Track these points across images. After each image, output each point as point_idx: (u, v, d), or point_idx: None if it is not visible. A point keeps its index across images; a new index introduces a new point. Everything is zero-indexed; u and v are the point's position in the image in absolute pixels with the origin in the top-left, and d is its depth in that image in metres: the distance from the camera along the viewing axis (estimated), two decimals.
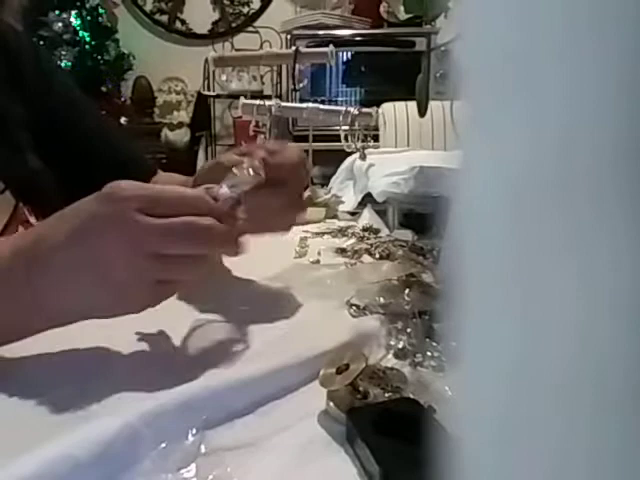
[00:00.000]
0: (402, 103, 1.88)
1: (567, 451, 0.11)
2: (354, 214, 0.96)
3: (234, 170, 0.44)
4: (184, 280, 0.40)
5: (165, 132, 2.98)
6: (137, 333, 0.45)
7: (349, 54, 2.73)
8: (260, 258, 0.63)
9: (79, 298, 0.38)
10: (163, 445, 0.31)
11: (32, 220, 0.62)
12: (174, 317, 0.49)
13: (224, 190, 0.41)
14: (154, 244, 0.37)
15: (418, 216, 0.81)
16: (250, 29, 3.10)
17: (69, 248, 0.37)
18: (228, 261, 0.65)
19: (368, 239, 0.77)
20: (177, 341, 0.45)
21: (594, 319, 0.10)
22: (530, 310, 0.11)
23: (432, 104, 0.81)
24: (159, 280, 0.38)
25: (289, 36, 2.67)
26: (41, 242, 0.38)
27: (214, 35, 3.16)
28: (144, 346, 0.44)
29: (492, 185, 0.12)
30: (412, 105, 1.76)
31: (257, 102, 0.93)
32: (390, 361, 0.42)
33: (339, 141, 0.91)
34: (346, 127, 0.89)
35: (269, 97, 0.97)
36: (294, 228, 0.83)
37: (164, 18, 3.16)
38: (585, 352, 0.10)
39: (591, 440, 0.10)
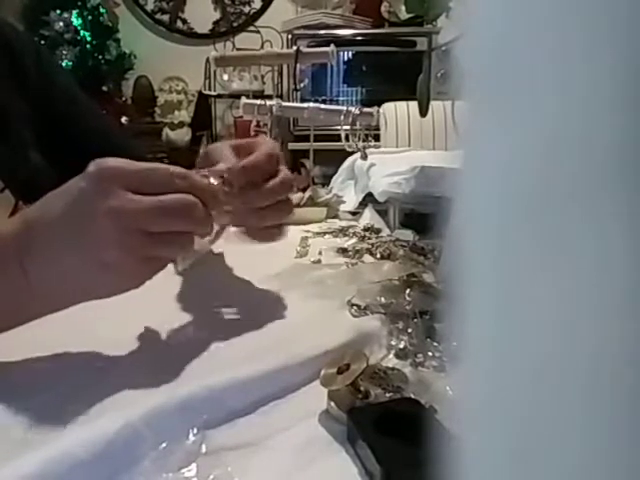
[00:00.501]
0: (403, 103, 1.88)
1: (566, 451, 0.11)
2: (355, 214, 0.96)
3: None
4: (172, 256, 0.41)
5: (166, 132, 2.99)
6: (137, 333, 0.45)
7: (350, 54, 2.73)
8: (261, 258, 0.63)
9: (73, 280, 0.39)
10: (164, 445, 0.31)
11: None
12: (174, 317, 0.49)
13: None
14: (144, 221, 0.37)
15: (419, 216, 0.81)
16: (251, 29, 3.11)
17: (59, 230, 0.38)
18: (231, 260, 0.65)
19: (369, 239, 0.77)
20: (177, 341, 0.45)
21: (591, 318, 0.10)
22: (530, 310, 0.11)
23: (433, 104, 0.81)
24: (147, 257, 0.39)
25: (290, 36, 2.67)
26: (31, 226, 0.38)
27: (215, 35, 3.16)
28: (144, 346, 0.44)
29: (493, 185, 0.12)
30: (413, 105, 1.76)
31: (258, 102, 0.93)
32: (391, 361, 0.42)
33: (340, 141, 0.91)
34: (347, 127, 0.89)
35: (270, 97, 0.97)
36: (294, 228, 0.84)
37: (165, 17, 3.17)
38: (581, 352, 0.10)
39: (587, 439, 0.10)
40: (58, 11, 2.71)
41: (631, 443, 0.10)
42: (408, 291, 0.52)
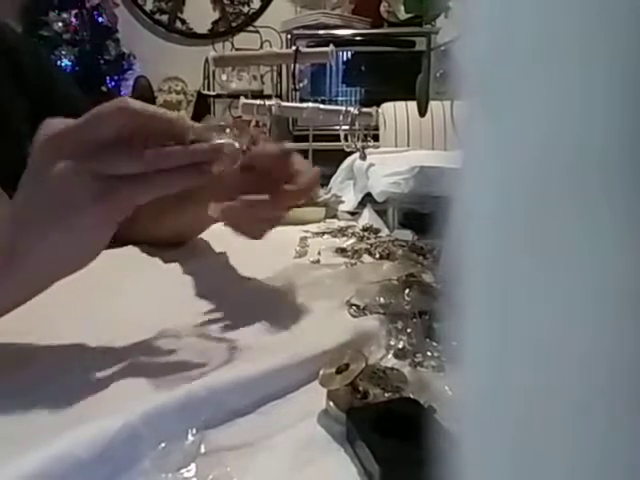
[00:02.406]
0: (402, 103, 1.88)
1: (568, 450, 0.11)
2: (354, 214, 0.96)
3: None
4: (137, 194, 0.39)
5: None
6: (136, 333, 0.45)
7: (349, 54, 2.73)
8: (260, 258, 0.63)
9: (58, 249, 0.38)
10: (163, 445, 0.31)
11: None
12: (173, 317, 0.49)
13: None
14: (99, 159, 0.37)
15: (418, 216, 0.81)
16: (250, 29, 3.11)
17: (30, 207, 0.38)
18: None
19: (368, 239, 0.77)
20: (176, 341, 0.45)
21: (592, 319, 0.10)
22: (528, 310, 0.11)
23: (432, 104, 0.81)
24: (109, 192, 0.37)
25: (289, 36, 2.67)
26: (10, 215, 0.39)
27: (214, 35, 3.16)
28: (143, 346, 0.44)
29: (492, 185, 0.12)
30: (412, 105, 1.76)
31: (257, 102, 0.93)
32: (390, 361, 0.42)
33: (339, 141, 0.91)
34: (346, 127, 0.89)
35: (269, 97, 0.97)
36: (293, 228, 0.84)
37: (164, 18, 3.17)
38: (583, 352, 0.10)
39: (588, 439, 0.10)
40: (57, 11, 2.71)
41: (628, 443, 0.10)
42: (407, 291, 0.52)
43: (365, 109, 0.89)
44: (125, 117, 0.37)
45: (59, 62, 2.62)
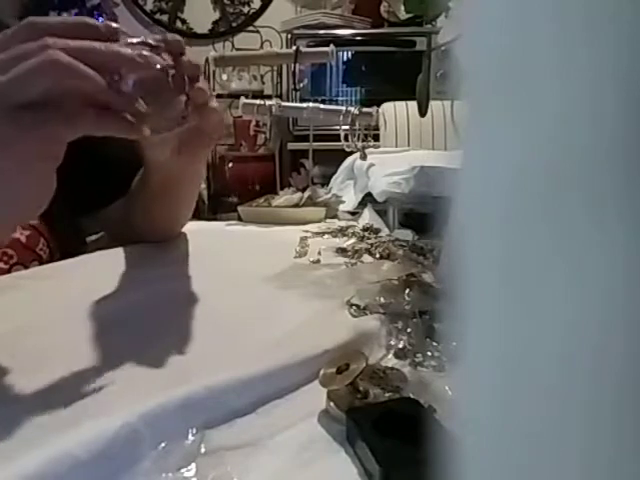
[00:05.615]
0: (402, 103, 1.88)
1: (566, 451, 0.11)
2: (354, 214, 0.96)
3: None
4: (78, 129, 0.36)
5: None
6: (137, 332, 0.45)
7: (349, 54, 2.73)
8: (260, 258, 0.63)
9: None
10: (163, 445, 0.31)
11: (34, 221, 0.62)
12: (173, 316, 0.49)
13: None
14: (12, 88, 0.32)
15: (418, 216, 0.81)
16: (250, 29, 3.11)
17: None
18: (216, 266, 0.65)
19: (368, 239, 0.77)
20: (177, 341, 0.45)
21: (592, 319, 0.10)
22: (530, 310, 0.11)
23: (432, 104, 0.81)
24: (37, 130, 0.34)
25: (289, 36, 2.67)
26: None
27: (214, 35, 3.16)
28: (143, 346, 0.44)
29: (492, 185, 0.12)
30: (412, 105, 1.76)
31: (257, 102, 0.93)
32: (390, 361, 0.42)
33: (339, 141, 0.91)
34: (346, 127, 0.89)
35: (269, 97, 0.97)
36: (293, 228, 0.84)
37: (164, 18, 3.17)
38: (582, 353, 0.10)
39: (587, 439, 0.10)
40: (57, 11, 2.71)
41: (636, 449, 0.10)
42: (407, 291, 0.52)
43: (365, 109, 0.89)
44: (57, 74, 0.32)
45: None
